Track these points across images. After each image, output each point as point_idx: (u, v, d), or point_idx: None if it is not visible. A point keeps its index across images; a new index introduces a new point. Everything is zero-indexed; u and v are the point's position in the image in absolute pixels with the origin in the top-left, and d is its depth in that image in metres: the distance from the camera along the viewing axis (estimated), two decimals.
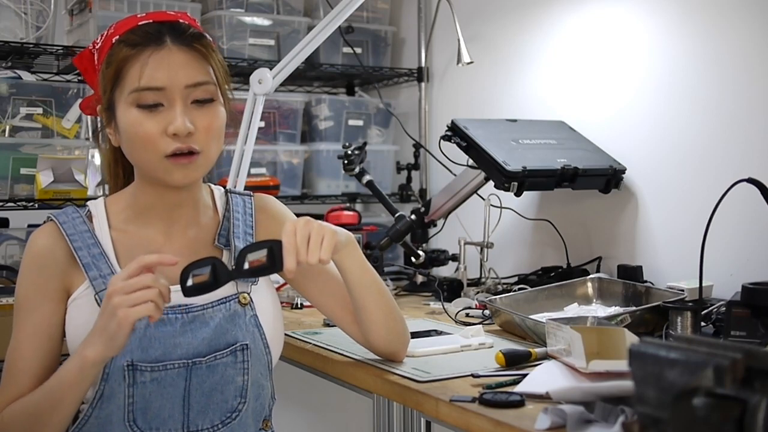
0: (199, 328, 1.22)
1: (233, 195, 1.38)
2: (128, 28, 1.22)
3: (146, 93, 1.18)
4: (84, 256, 1.22)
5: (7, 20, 2.21)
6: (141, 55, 1.19)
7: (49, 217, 1.26)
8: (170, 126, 1.18)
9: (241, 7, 2.58)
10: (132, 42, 1.20)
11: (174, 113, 1.18)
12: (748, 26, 1.77)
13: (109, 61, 1.21)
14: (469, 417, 1.14)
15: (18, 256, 2.23)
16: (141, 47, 1.19)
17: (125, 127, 1.21)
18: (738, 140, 1.79)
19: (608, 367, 1.18)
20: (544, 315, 1.64)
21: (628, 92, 2.05)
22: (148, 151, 1.20)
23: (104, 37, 1.26)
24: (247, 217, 1.36)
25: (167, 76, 1.18)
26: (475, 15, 2.52)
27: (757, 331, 1.38)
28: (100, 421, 1.20)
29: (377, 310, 1.32)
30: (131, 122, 1.19)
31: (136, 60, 1.19)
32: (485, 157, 1.93)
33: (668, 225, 1.95)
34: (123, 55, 1.19)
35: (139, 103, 1.19)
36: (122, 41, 1.21)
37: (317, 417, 1.80)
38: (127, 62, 1.19)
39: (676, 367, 0.73)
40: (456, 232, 2.29)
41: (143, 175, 1.27)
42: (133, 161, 1.26)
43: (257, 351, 1.27)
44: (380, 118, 2.85)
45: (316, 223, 1.20)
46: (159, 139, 1.19)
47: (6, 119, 2.17)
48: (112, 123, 1.24)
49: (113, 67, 1.20)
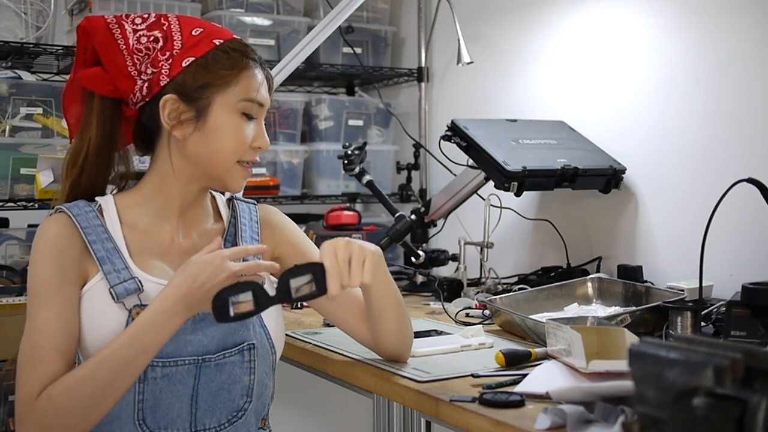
0: (208, 327, 1.24)
1: (239, 202, 1.41)
2: (229, 38, 1.29)
3: (255, 105, 1.29)
4: (98, 250, 1.23)
5: (7, 20, 2.21)
6: (257, 70, 1.29)
7: (59, 209, 1.26)
8: (260, 140, 1.29)
9: (241, 7, 2.58)
10: (248, 54, 1.28)
11: (261, 129, 1.31)
12: (748, 26, 1.77)
13: (221, 62, 1.25)
14: (469, 417, 1.14)
15: (18, 256, 2.23)
16: (254, 62, 1.29)
17: (221, 127, 1.25)
18: (738, 140, 1.79)
19: (608, 367, 1.18)
20: (544, 315, 1.64)
21: (628, 92, 2.05)
22: (232, 154, 1.27)
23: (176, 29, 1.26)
24: (253, 224, 1.39)
25: (267, 96, 1.32)
26: (475, 15, 2.52)
27: (757, 331, 1.38)
28: (109, 419, 1.20)
29: (394, 320, 1.35)
30: (232, 126, 1.26)
31: (254, 73, 1.28)
32: (485, 157, 1.93)
33: (668, 225, 1.95)
34: (244, 64, 1.27)
35: (245, 111, 1.27)
36: (236, 50, 1.27)
37: (317, 417, 1.80)
38: (246, 71, 1.27)
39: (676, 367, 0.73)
40: (456, 232, 2.29)
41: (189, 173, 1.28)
42: (201, 158, 1.27)
43: (263, 350, 1.29)
44: (380, 118, 2.85)
45: (356, 244, 1.23)
46: (246, 146, 1.28)
47: (6, 119, 2.17)
48: (193, 118, 1.25)
49: (233, 71, 1.26)
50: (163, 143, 1.29)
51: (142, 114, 1.29)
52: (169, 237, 1.30)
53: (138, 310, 1.20)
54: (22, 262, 2.22)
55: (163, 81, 1.25)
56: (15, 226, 2.28)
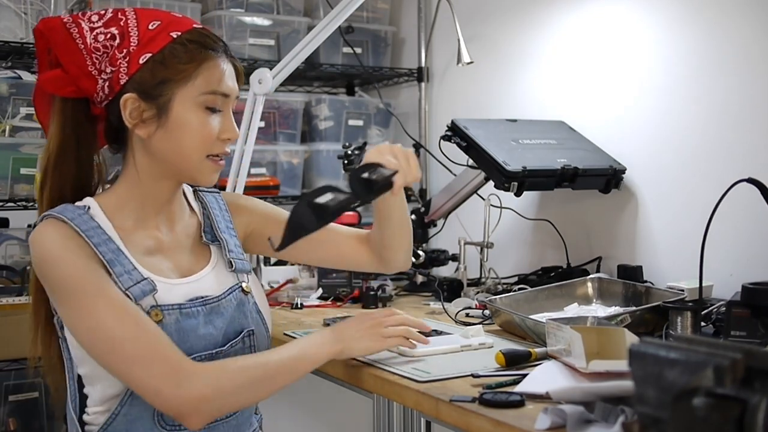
0: (216, 319, 1.25)
1: (204, 193, 1.41)
2: (187, 29, 1.24)
3: (218, 98, 1.24)
4: (105, 252, 1.19)
5: (7, 20, 2.21)
6: (218, 61, 1.24)
7: (48, 215, 1.20)
8: (227, 132, 1.26)
9: (241, 7, 2.58)
10: (207, 45, 1.24)
11: (229, 120, 1.27)
12: (748, 25, 1.77)
13: (179, 56, 1.21)
14: (469, 417, 1.13)
15: (18, 256, 2.23)
16: (215, 53, 1.24)
17: (183, 123, 1.22)
18: (738, 140, 1.79)
19: (608, 367, 1.18)
20: (544, 315, 1.64)
21: (628, 92, 2.05)
22: (198, 150, 1.24)
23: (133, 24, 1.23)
24: (224, 213, 1.41)
25: (233, 86, 1.27)
26: (475, 15, 2.52)
27: (757, 331, 1.38)
28: (129, 418, 1.20)
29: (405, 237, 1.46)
30: (196, 121, 1.23)
31: (215, 64, 1.24)
32: (485, 157, 1.93)
33: (668, 225, 1.95)
34: (202, 56, 1.22)
35: (208, 105, 1.24)
36: (194, 41, 1.23)
37: (317, 417, 1.80)
38: (205, 63, 1.23)
39: (676, 367, 0.73)
40: (456, 232, 2.29)
41: (158, 170, 1.26)
42: (167, 155, 1.24)
43: (261, 336, 1.31)
44: (380, 118, 2.85)
45: (396, 146, 1.31)
46: (213, 140, 1.25)
47: (6, 119, 2.18)
48: (155, 115, 1.22)
49: (191, 64, 1.21)
50: (130, 142, 1.27)
51: (109, 113, 1.26)
52: (155, 235, 1.29)
53: (156, 311, 1.19)
54: (22, 262, 2.22)
55: (123, 80, 1.21)
56: (15, 226, 2.28)
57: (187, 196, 1.39)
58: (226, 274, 1.32)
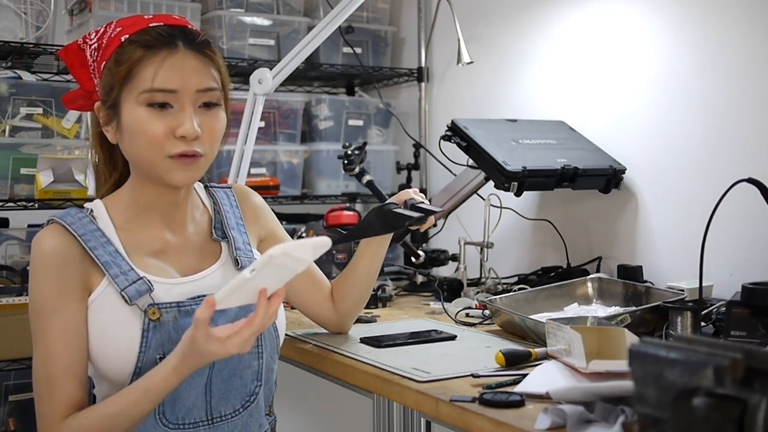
0: (218, 318, 1.24)
1: (215, 189, 1.42)
2: (139, 29, 1.23)
3: (158, 94, 1.21)
4: (101, 255, 1.22)
5: (7, 20, 2.21)
6: (155, 57, 1.21)
7: (51, 220, 1.24)
8: (180, 128, 1.21)
9: (241, 7, 2.58)
10: (146, 43, 1.22)
11: (184, 116, 1.21)
12: (749, 26, 1.77)
13: (119, 59, 1.22)
14: (469, 417, 1.14)
15: (18, 256, 2.23)
16: (155, 49, 1.22)
17: (131, 125, 1.22)
18: (738, 140, 1.79)
19: (608, 367, 1.18)
20: (544, 315, 1.64)
21: (628, 92, 2.05)
22: (152, 150, 1.21)
23: (108, 34, 1.26)
24: (234, 209, 1.41)
25: (180, 80, 1.21)
26: (475, 15, 2.52)
27: (757, 331, 1.38)
28: None
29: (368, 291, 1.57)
30: (139, 121, 1.21)
31: (150, 61, 1.21)
32: (485, 157, 1.93)
33: (668, 225, 1.95)
34: (137, 56, 1.21)
35: (150, 102, 1.21)
36: (134, 41, 1.22)
37: (317, 417, 1.80)
38: (140, 62, 1.21)
39: (676, 367, 0.73)
40: (456, 232, 2.29)
41: (142, 174, 1.27)
42: (133, 159, 1.27)
43: (268, 334, 1.31)
44: (380, 118, 2.85)
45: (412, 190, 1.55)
46: (165, 139, 1.21)
47: (6, 119, 2.17)
48: (113, 120, 1.25)
49: (125, 65, 1.21)
50: None
51: None
52: (162, 236, 1.30)
53: (153, 309, 1.20)
54: (22, 262, 2.22)
55: (97, 89, 1.28)
56: (15, 226, 2.28)
57: (199, 193, 1.40)
58: (233, 272, 1.32)
